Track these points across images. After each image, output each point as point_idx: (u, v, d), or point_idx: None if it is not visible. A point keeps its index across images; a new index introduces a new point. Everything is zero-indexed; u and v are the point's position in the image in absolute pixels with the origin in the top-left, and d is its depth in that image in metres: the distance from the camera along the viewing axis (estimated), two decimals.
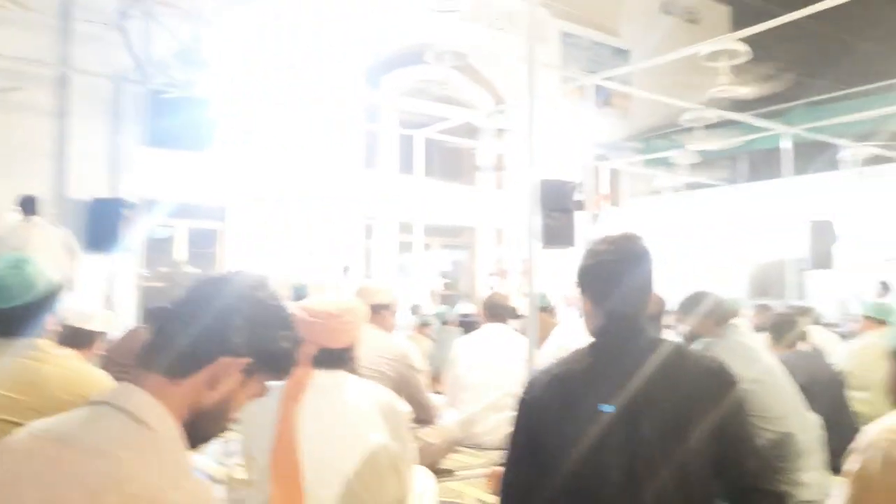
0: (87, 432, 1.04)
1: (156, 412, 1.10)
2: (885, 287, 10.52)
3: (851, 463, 1.79)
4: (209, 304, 1.17)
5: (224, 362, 1.16)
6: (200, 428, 1.18)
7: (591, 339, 1.81)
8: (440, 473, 3.85)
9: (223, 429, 1.23)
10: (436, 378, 6.32)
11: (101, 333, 2.95)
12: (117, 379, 1.88)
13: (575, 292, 1.90)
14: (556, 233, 6.99)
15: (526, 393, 1.80)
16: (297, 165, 11.32)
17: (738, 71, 7.47)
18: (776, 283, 13.59)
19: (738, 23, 16.91)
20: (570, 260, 1.98)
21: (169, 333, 1.16)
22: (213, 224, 11.43)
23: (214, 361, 1.15)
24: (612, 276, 1.76)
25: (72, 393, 1.93)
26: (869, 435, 1.78)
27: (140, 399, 1.10)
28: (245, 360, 1.17)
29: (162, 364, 1.14)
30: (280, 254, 10.97)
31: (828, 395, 3.86)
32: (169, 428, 1.10)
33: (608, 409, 1.65)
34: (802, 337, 5.01)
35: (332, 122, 11.75)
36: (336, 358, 2.25)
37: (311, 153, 11.46)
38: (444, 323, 7.32)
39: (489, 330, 4.80)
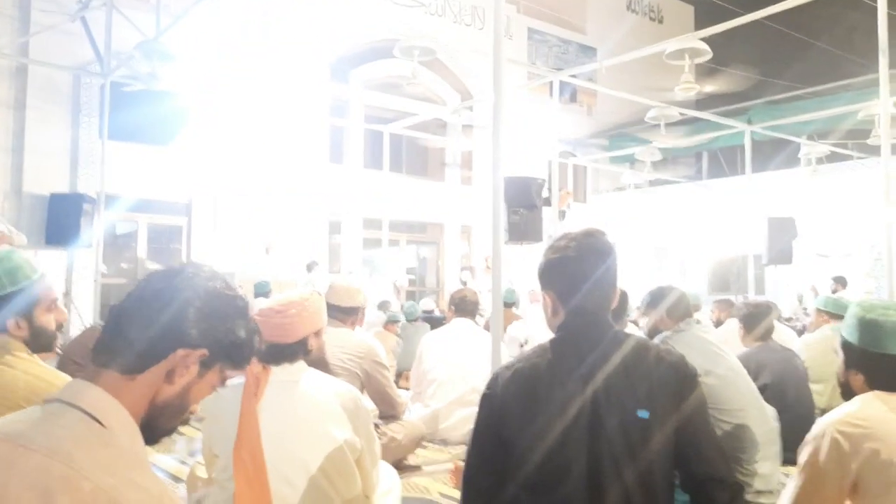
0: (40, 431, 1.02)
1: (111, 409, 1.08)
2: (838, 281, 10.78)
3: (804, 453, 1.85)
4: (162, 298, 1.16)
5: (181, 355, 1.14)
6: (160, 422, 1.16)
7: (553, 334, 1.83)
8: (407, 469, 3.86)
9: (184, 422, 1.22)
10: (402, 374, 6.33)
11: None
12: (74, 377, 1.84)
13: (537, 288, 1.91)
14: (522, 229, 7.05)
15: (489, 388, 1.81)
16: (263, 160, 11.21)
17: (701, 70, 7.58)
18: (736, 278, 13.85)
19: (702, 22, 17.17)
20: (536, 255, 1.99)
21: (122, 329, 1.14)
22: (177, 220, 11.26)
23: (170, 355, 1.14)
24: (576, 272, 1.77)
25: (34, 403, 1.88)
26: (820, 426, 1.84)
27: (94, 396, 1.08)
28: (202, 352, 1.16)
29: (116, 360, 1.12)
30: (245, 250, 10.85)
31: (798, 388, 3.94)
32: (125, 424, 1.09)
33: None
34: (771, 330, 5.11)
35: (297, 117, 11.65)
36: (288, 353, 2.24)
37: (277, 148, 11.35)
38: (413, 320, 7.27)
39: (456, 326, 4.82)
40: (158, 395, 1.14)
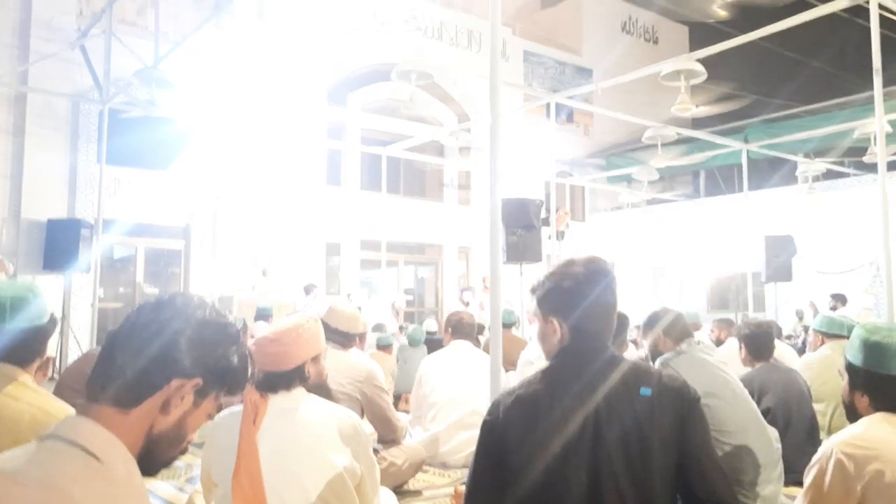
0: (36, 467, 1.01)
1: (106, 443, 1.07)
2: (837, 299, 10.77)
3: (809, 475, 1.84)
4: (152, 330, 1.16)
5: (175, 385, 1.14)
6: (158, 453, 1.16)
7: (554, 359, 1.83)
8: (407, 494, 3.81)
9: (182, 451, 1.21)
10: (400, 396, 6.28)
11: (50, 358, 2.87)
12: (71, 404, 1.83)
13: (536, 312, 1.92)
14: (521, 249, 7.04)
15: (490, 414, 1.81)
16: (261, 183, 11.24)
17: (696, 90, 7.62)
18: (735, 296, 13.83)
19: (696, 42, 17.31)
20: (535, 276, 2.00)
21: (115, 363, 1.14)
22: (175, 244, 11.26)
23: (165, 386, 1.14)
24: (581, 297, 1.79)
25: (38, 435, 1.86)
26: (825, 447, 1.83)
27: (89, 430, 1.08)
28: (196, 381, 1.16)
29: (111, 394, 1.12)
30: (244, 273, 10.84)
31: (802, 409, 3.91)
32: (121, 458, 1.08)
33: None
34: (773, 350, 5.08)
35: (295, 140, 11.70)
36: (285, 380, 2.22)
37: (275, 171, 11.38)
38: (415, 345, 7.12)
39: (455, 348, 4.79)
40: (155, 426, 1.14)
